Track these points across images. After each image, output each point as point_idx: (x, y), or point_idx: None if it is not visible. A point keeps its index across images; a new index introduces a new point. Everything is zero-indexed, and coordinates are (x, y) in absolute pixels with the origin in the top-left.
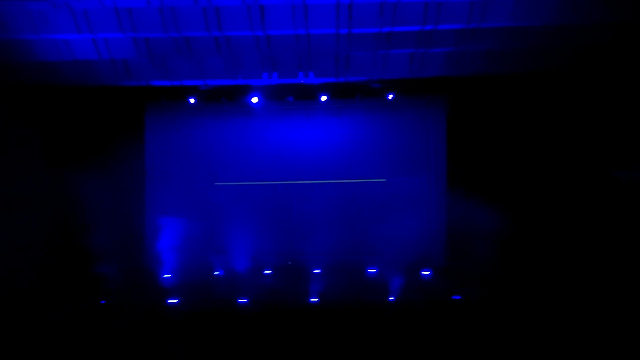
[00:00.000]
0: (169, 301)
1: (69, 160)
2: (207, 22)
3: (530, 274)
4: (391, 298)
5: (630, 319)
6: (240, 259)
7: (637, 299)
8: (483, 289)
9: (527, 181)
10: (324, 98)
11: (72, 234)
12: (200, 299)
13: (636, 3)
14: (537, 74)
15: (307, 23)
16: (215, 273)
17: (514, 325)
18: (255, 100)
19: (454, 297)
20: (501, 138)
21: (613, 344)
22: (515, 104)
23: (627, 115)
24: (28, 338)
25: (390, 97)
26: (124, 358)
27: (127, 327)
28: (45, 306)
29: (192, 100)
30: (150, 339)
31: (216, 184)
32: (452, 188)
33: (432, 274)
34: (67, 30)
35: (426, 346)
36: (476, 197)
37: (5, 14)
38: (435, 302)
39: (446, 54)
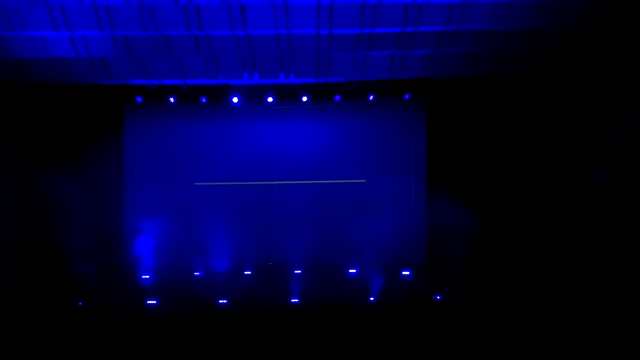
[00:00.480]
0: (148, 302)
1: (46, 160)
2: (187, 21)
3: (509, 274)
4: (372, 298)
5: (610, 317)
6: (220, 259)
7: (616, 298)
8: (463, 289)
9: (506, 182)
10: (304, 98)
11: (50, 235)
12: (179, 300)
13: (607, 9)
14: (515, 76)
15: (288, 23)
16: (195, 274)
17: (494, 325)
18: (235, 100)
19: (434, 297)
20: (480, 139)
21: (593, 343)
22: (494, 106)
23: (603, 116)
24: (3, 340)
25: (371, 98)
26: None
27: (105, 328)
28: (22, 308)
29: (171, 100)
30: (129, 341)
31: (196, 184)
32: (432, 189)
33: (412, 275)
34: (43, 27)
35: (407, 346)
36: (456, 198)
37: None
38: (415, 302)
39: (426, 55)
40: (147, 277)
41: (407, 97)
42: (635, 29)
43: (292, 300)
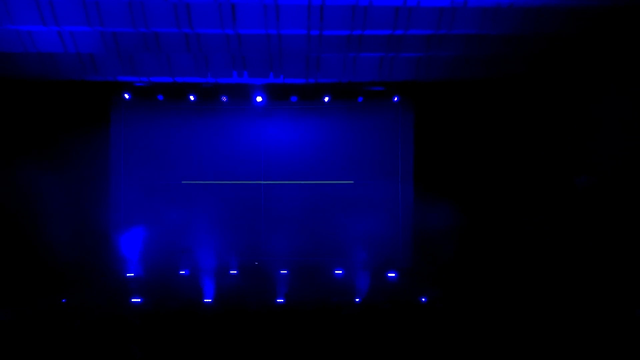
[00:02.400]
0: (132, 300)
1: (31, 156)
2: (177, 18)
3: (495, 275)
4: (357, 299)
5: (596, 318)
6: (206, 258)
7: (601, 298)
8: (449, 290)
9: (493, 184)
10: (294, 99)
11: (35, 232)
12: (164, 299)
13: (591, 16)
14: (503, 79)
15: (278, 23)
16: (180, 272)
17: (479, 327)
18: (224, 99)
19: (420, 298)
20: (468, 142)
21: (579, 344)
22: (481, 109)
23: (588, 119)
24: None
25: (360, 99)
26: (84, 359)
27: (88, 326)
28: (5, 305)
29: (159, 97)
30: (112, 339)
31: (183, 182)
32: (419, 191)
33: (398, 276)
34: (31, 21)
35: (392, 347)
36: (443, 200)
37: None
38: (401, 304)
39: (415, 58)
40: (132, 275)
41: (395, 99)
42: (617, 35)
43: (278, 300)
